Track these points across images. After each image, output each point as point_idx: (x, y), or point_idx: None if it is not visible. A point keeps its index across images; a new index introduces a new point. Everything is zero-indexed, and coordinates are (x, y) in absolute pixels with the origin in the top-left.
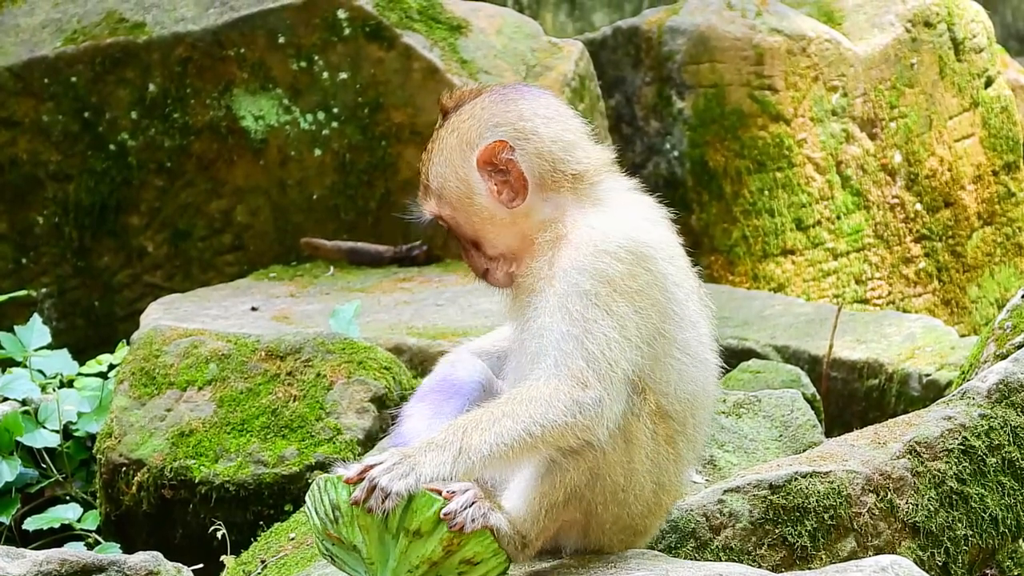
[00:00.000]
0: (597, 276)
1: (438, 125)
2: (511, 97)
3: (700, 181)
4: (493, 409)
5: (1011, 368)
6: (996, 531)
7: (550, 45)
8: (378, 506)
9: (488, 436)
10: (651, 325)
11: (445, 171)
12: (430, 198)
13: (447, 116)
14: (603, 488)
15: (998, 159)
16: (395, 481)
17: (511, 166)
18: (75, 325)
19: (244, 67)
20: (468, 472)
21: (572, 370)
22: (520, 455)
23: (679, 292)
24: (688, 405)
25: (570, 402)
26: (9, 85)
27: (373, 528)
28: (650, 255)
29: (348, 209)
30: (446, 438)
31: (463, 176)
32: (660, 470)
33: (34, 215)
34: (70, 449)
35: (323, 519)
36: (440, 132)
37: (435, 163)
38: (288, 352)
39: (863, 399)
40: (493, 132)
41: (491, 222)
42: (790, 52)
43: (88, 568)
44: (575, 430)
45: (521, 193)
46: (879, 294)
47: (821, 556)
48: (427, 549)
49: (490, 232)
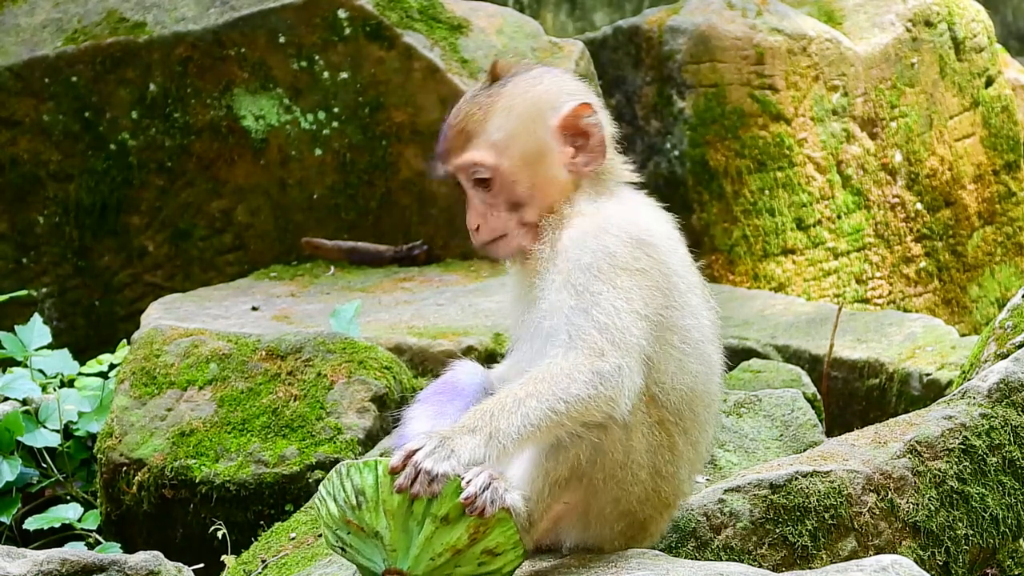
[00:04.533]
0: (600, 253)
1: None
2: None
3: (700, 181)
4: (516, 390)
5: (1012, 367)
6: (997, 531)
7: (550, 45)
8: (424, 490)
9: (515, 418)
10: (653, 305)
11: (514, 125)
12: (479, 146)
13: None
14: (603, 464)
15: (998, 159)
16: (439, 463)
17: (593, 130)
18: (75, 325)
19: (245, 67)
20: (500, 455)
21: (587, 341)
22: (548, 433)
23: (681, 283)
24: (684, 397)
25: (590, 374)
26: (9, 85)
27: (399, 514)
28: (653, 243)
29: (348, 209)
30: (476, 423)
31: (540, 135)
32: (655, 455)
33: (35, 215)
34: (70, 449)
35: (342, 505)
36: (501, 91)
37: (497, 116)
38: (289, 352)
39: (864, 399)
40: (572, 97)
41: (549, 185)
42: (791, 52)
43: (89, 568)
44: (598, 402)
45: (599, 158)
46: (880, 293)
47: (822, 556)
48: (453, 536)
49: (542, 195)
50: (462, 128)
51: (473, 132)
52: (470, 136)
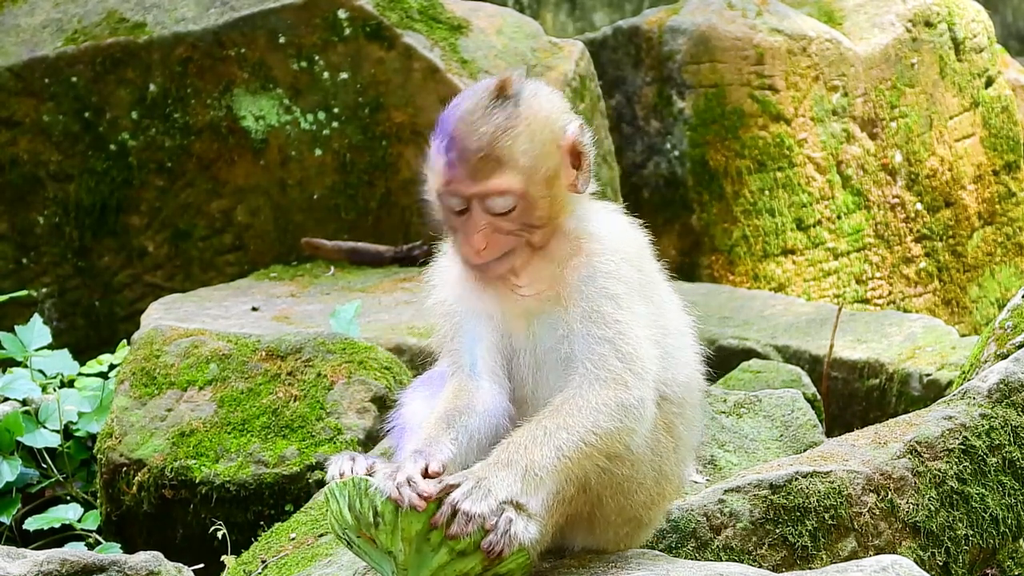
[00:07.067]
0: (615, 278)
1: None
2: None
3: (700, 181)
4: (545, 422)
5: (1012, 368)
6: (997, 531)
7: (551, 45)
8: (462, 531)
9: (548, 451)
10: (656, 318)
11: (539, 149)
12: (508, 172)
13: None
14: (610, 479)
15: (998, 159)
16: (476, 504)
17: (587, 150)
18: (75, 325)
19: (245, 67)
20: (536, 487)
21: (612, 372)
22: (578, 465)
23: (660, 283)
24: (685, 388)
25: (616, 407)
26: (9, 85)
27: (415, 540)
28: (646, 253)
29: (348, 209)
30: (510, 456)
31: (556, 157)
32: (661, 459)
33: (35, 215)
34: (71, 449)
35: (359, 519)
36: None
37: (524, 139)
38: (289, 352)
39: (864, 399)
40: (568, 117)
41: (558, 207)
42: (791, 52)
43: (89, 568)
44: (622, 434)
45: (588, 179)
46: (880, 294)
47: (822, 556)
48: (467, 566)
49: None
50: (488, 153)
51: (501, 157)
52: (499, 161)
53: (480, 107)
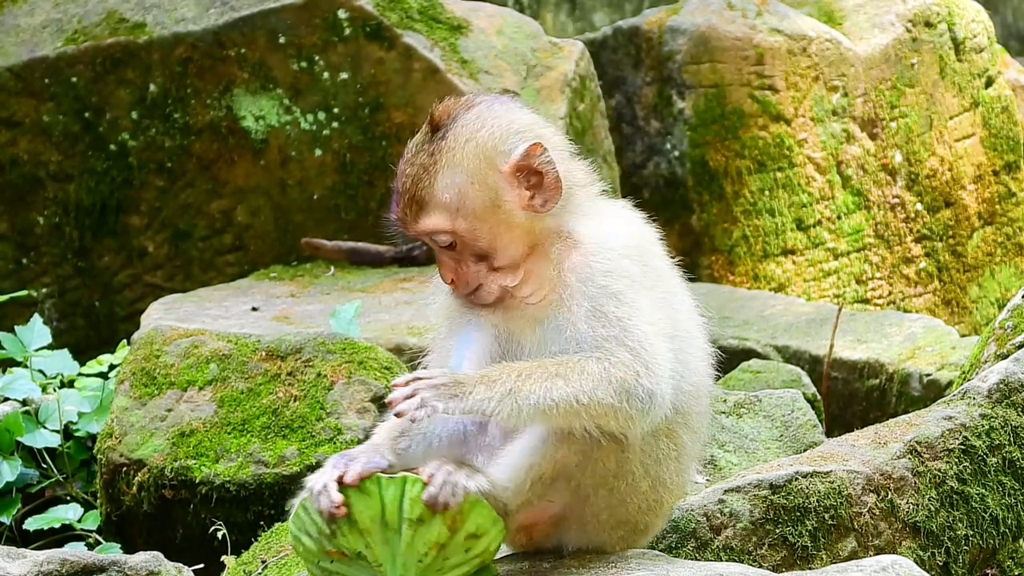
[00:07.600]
0: (617, 275)
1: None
2: (512, 106)
3: (700, 181)
4: (547, 366)
5: (1012, 368)
6: (997, 531)
7: (551, 45)
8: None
9: (539, 388)
10: (666, 317)
11: (462, 181)
12: (432, 213)
13: (442, 129)
14: (593, 471)
15: (998, 159)
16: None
17: (547, 169)
18: (75, 325)
19: (245, 67)
20: (510, 415)
21: (621, 361)
22: (561, 418)
23: (674, 284)
24: (693, 396)
25: (619, 387)
26: (9, 85)
27: (375, 530)
28: (653, 252)
29: (349, 209)
30: (500, 375)
31: (490, 183)
32: (660, 466)
33: (35, 215)
34: (70, 449)
35: (316, 538)
36: (442, 144)
37: (443, 175)
38: (289, 352)
39: (864, 399)
40: (520, 137)
41: (511, 231)
42: (791, 52)
43: (89, 568)
44: (619, 415)
45: (555, 196)
46: (880, 294)
47: (822, 556)
48: (433, 533)
49: (507, 241)
50: (412, 195)
51: (423, 199)
52: (422, 203)
53: (414, 145)
